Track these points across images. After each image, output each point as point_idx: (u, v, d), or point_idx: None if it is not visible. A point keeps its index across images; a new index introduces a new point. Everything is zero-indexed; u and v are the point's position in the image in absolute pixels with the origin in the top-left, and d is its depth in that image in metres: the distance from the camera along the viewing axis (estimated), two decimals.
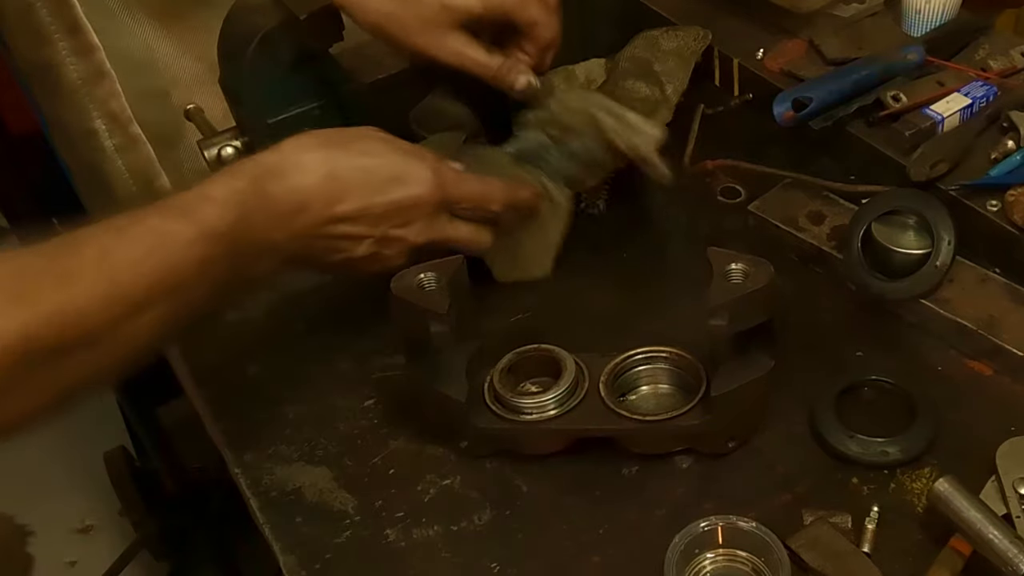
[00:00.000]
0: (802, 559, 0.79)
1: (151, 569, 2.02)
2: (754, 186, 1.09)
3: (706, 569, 0.81)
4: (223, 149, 1.10)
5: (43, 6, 1.22)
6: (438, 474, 0.91)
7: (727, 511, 0.82)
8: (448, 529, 0.87)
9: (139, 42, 1.32)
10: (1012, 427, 0.86)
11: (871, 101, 1.09)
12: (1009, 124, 1.04)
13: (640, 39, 1.20)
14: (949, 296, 0.96)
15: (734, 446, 0.89)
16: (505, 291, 1.05)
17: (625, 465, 0.89)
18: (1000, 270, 0.98)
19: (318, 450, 0.94)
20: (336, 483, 0.91)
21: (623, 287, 1.06)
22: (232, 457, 0.95)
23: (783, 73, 1.17)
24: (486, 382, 0.91)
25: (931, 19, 1.17)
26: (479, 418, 0.89)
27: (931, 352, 0.95)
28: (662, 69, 1.16)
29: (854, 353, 0.96)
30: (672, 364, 0.92)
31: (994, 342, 0.92)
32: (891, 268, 0.97)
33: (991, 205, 0.98)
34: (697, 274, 0.85)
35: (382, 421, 0.96)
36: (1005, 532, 0.75)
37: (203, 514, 1.90)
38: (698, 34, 1.20)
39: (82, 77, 1.29)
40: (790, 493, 0.86)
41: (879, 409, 0.91)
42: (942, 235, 0.95)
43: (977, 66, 1.12)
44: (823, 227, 1.04)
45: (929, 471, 0.86)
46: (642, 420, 0.87)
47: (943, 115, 1.06)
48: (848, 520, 0.82)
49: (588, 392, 0.89)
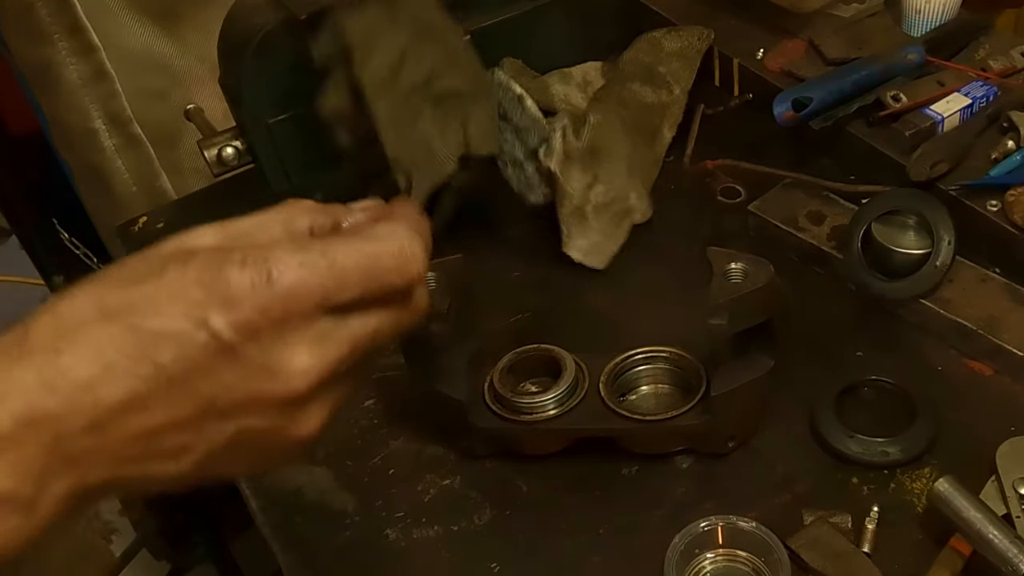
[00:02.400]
0: (802, 559, 0.79)
1: (151, 569, 2.02)
2: (754, 186, 1.09)
3: (706, 569, 0.81)
4: (223, 149, 1.10)
5: (43, 6, 1.23)
6: (438, 474, 0.91)
7: (727, 511, 0.82)
8: (448, 529, 0.87)
9: (139, 42, 1.33)
10: (1012, 427, 0.86)
11: (871, 101, 1.09)
12: (1009, 124, 1.04)
13: (642, 41, 1.20)
14: (949, 296, 0.96)
15: (734, 446, 0.88)
16: (505, 291, 1.05)
17: (625, 465, 0.89)
18: (1000, 270, 0.98)
19: (318, 450, 0.94)
20: (336, 483, 0.91)
21: (623, 287, 1.06)
22: None
23: (783, 73, 1.17)
24: (486, 382, 0.91)
25: (931, 19, 1.17)
26: (479, 418, 0.89)
27: (931, 352, 0.95)
28: (667, 70, 1.16)
29: (854, 353, 0.96)
30: (672, 364, 0.92)
31: (994, 342, 0.92)
32: (891, 268, 0.97)
33: (991, 205, 0.98)
34: (697, 274, 0.85)
35: (382, 421, 0.96)
36: (1005, 532, 0.75)
37: (203, 514, 1.90)
38: (701, 34, 1.20)
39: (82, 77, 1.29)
40: (790, 493, 0.86)
41: (879, 409, 0.91)
42: (942, 235, 0.95)
43: (977, 66, 1.12)
44: (823, 227, 1.04)
45: (929, 471, 0.86)
46: (642, 420, 0.87)
47: (943, 115, 1.05)
48: (848, 520, 0.82)
49: (588, 392, 0.89)
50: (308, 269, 0.53)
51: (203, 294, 0.51)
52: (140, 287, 0.51)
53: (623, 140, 1.08)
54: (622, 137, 1.08)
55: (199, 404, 0.52)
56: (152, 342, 0.50)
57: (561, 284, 1.06)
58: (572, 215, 1.05)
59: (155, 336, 0.50)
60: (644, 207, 1.09)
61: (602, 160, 1.06)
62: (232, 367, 0.52)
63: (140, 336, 0.50)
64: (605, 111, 1.10)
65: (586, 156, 1.05)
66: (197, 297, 0.51)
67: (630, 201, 1.07)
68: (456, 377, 0.89)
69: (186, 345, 0.51)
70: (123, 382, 0.50)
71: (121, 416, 0.51)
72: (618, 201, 1.06)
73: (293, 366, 0.53)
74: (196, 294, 0.51)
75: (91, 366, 0.50)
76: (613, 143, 1.07)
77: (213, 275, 0.51)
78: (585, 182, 1.04)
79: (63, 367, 0.50)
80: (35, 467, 0.50)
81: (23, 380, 0.49)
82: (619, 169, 1.06)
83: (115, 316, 0.50)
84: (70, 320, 0.51)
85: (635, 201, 1.07)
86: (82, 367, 0.50)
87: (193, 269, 0.52)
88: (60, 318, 0.51)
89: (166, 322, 0.51)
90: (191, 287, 0.51)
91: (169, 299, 0.51)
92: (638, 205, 1.08)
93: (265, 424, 0.54)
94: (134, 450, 0.52)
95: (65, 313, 0.51)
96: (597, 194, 1.05)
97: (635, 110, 1.13)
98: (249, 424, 0.54)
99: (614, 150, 1.07)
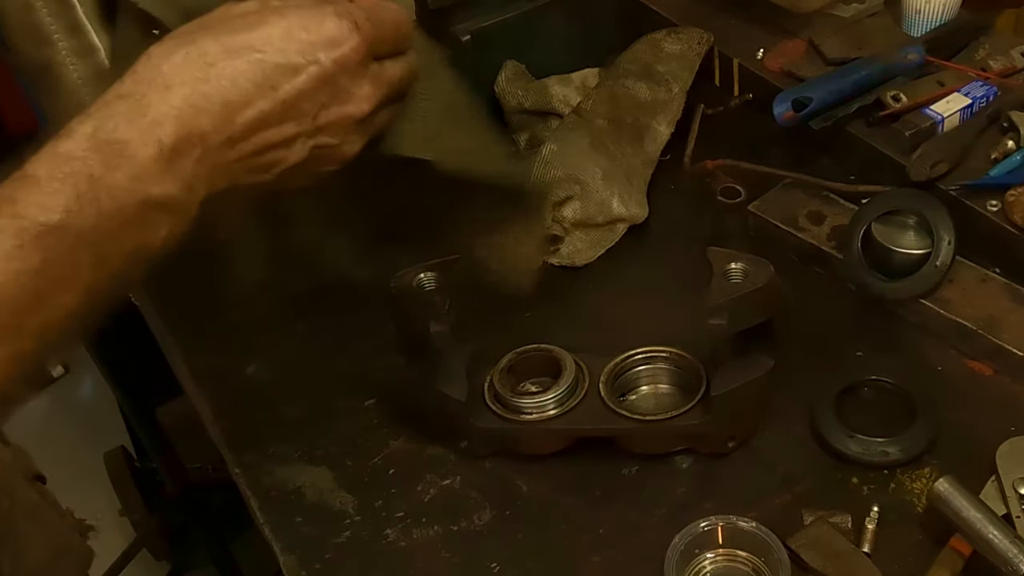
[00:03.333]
0: (802, 559, 0.79)
1: (151, 569, 2.02)
2: (754, 186, 1.09)
3: (706, 569, 0.81)
4: None
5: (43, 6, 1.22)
6: (438, 474, 0.91)
7: (727, 511, 0.82)
8: (448, 529, 0.87)
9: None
10: (1012, 427, 0.86)
11: (871, 101, 1.09)
12: (1009, 124, 1.04)
13: (642, 42, 1.20)
14: (949, 296, 0.96)
15: (734, 446, 0.88)
16: (505, 291, 1.05)
17: (625, 465, 0.89)
18: (1000, 270, 0.98)
19: (318, 450, 0.94)
20: (336, 483, 0.91)
21: (623, 287, 1.06)
22: (232, 457, 0.95)
23: (783, 73, 1.17)
24: (486, 382, 0.91)
25: (931, 19, 1.17)
26: (479, 418, 0.89)
27: (931, 352, 0.95)
28: (666, 70, 1.16)
29: (854, 353, 0.96)
30: (672, 364, 0.92)
31: (994, 342, 0.92)
32: (891, 268, 0.97)
33: (991, 205, 0.98)
34: (697, 274, 0.85)
35: (382, 421, 0.96)
36: (1005, 532, 0.75)
37: (203, 514, 1.90)
38: (701, 37, 1.20)
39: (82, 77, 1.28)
40: (790, 493, 0.86)
41: (879, 409, 0.91)
42: (942, 235, 0.95)
43: (977, 66, 1.12)
44: (823, 227, 1.04)
45: (929, 471, 0.86)
46: (642, 420, 0.87)
47: (943, 115, 1.05)
48: (848, 520, 0.82)
49: (588, 392, 0.89)
50: (371, 23, 0.70)
51: (311, 36, 0.67)
52: (254, 32, 0.66)
53: (592, 153, 1.08)
54: (589, 151, 1.08)
55: (302, 121, 0.68)
56: (275, 72, 0.66)
57: (561, 284, 1.06)
58: (545, 241, 1.05)
59: (276, 67, 0.66)
60: (634, 210, 1.08)
61: (570, 181, 1.05)
62: (328, 90, 0.68)
63: (265, 68, 0.65)
64: (566, 132, 1.10)
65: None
66: (306, 38, 0.66)
67: (613, 209, 1.07)
68: (456, 377, 0.89)
69: (300, 74, 0.66)
70: (255, 104, 0.65)
71: (250, 132, 0.66)
72: (600, 213, 1.06)
73: (364, 91, 0.70)
74: (305, 36, 0.66)
75: (228, 91, 0.65)
76: (580, 161, 1.07)
77: (318, 23, 0.67)
78: (550, 211, 1.04)
79: (207, 92, 0.64)
80: (188, 176, 0.64)
81: (173, 104, 0.63)
82: (592, 183, 1.05)
83: (239, 53, 0.65)
84: (199, 58, 0.65)
85: (619, 207, 1.07)
86: (222, 92, 0.64)
87: (296, 18, 0.67)
88: (190, 58, 0.65)
89: (284, 57, 0.66)
90: (298, 31, 0.66)
91: (283, 39, 0.66)
92: (624, 209, 1.07)
93: (333, 141, 0.70)
94: (248, 163, 0.67)
95: (194, 53, 0.65)
96: (573, 211, 1.05)
97: (625, 108, 1.13)
98: (324, 141, 0.70)
99: (581, 167, 1.06)
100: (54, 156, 0.62)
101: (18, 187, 0.60)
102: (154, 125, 0.63)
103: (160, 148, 0.63)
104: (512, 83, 1.19)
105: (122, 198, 0.62)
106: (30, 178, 0.61)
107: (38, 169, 0.61)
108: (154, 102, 0.63)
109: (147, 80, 0.64)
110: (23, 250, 0.59)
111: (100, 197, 0.61)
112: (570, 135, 1.10)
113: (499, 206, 0.90)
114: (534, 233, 1.01)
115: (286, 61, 0.66)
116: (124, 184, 0.62)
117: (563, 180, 1.05)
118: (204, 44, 0.65)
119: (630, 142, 1.12)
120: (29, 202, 0.60)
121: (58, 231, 0.60)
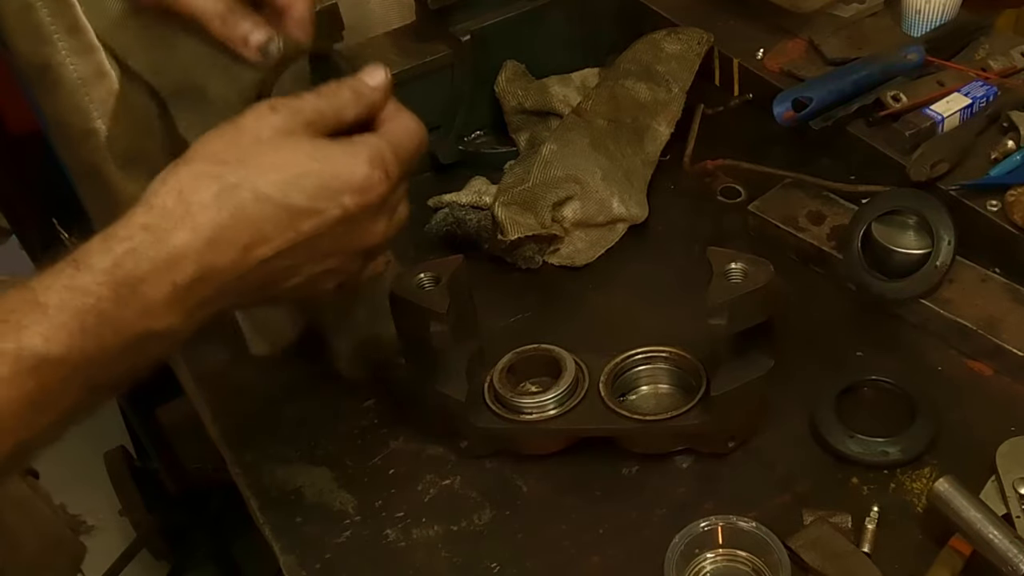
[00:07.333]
0: (802, 559, 0.79)
1: (151, 569, 2.02)
2: (754, 186, 1.09)
3: (706, 569, 0.81)
4: None
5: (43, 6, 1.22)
6: (438, 474, 0.91)
7: (727, 511, 0.82)
8: (448, 529, 0.87)
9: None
10: (1012, 427, 0.86)
11: (871, 101, 1.09)
12: (1009, 124, 1.04)
13: (642, 42, 1.20)
14: (949, 296, 0.96)
15: (734, 446, 0.89)
16: (505, 291, 1.05)
17: (625, 465, 0.89)
18: (1000, 270, 0.98)
19: (318, 450, 0.94)
20: (336, 483, 0.91)
21: (623, 287, 1.06)
22: (232, 457, 0.95)
23: (783, 73, 1.17)
24: (486, 382, 0.91)
25: (931, 19, 1.17)
26: (479, 418, 0.89)
27: (931, 352, 0.95)
28: (666, 70, 1.16)
29: (854, 353, 0.96)
30: (672, 364, 0.92)
31: (994, 342, 0.92)
32: (891, 268, 0.97)
33: (991, 205, 0.98)
34: (697, 274, 0.85)
35: (382, 421, 0.96)
36: (1005, 532, 0.75)
37: (203, 514, 1.90)
38: (701, 38, 1.20)
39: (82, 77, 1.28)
40: (790, 493, 0.86)
41: (879, 409, 0.91)
42: (942, 235, 0.95)
43: (977, 66, 1.12)
44: (823, 227, 1.04)
45: (929, 471, 0.86)
46: (642, 420, 0.87)
47: (943, 115, 1.05)
48: (848, 520, 0.82)
49: (588, 392, 0.89)
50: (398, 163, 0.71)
51: (341, 184, 0.68)
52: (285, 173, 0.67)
53: (592, 154, 1.08)
54: (589, 151, 1.08)
55: (314, 255, 0.70)
56: (299, 216, 0.67)
57: (561, 284, 1.06)
58: (543, 241, 1.05)
59: (301, 212, 0.67)
60: (634, 210, 1.08)
61: (570, 181, 1.05)
62: (346, 228, 0.70)
63: (291, 213, 0.67)
64: (566, 132, 1.10)
65: (540, 191, 1.04)
66: (336, 187, 0.68)
67: (613, 209, 1.06)
68: (456, 377, 0.89)
69: (324, 217, 0.68)
70: (273, 243, 0.67)
71: (263, 266, 0.68)
72: (600, 213, 1.06)
73: (379, 227, 0.72)
74: (336, 184, 0.68)
75: (251, 235, 0.66)
76: (580, 161, 1.07)
77: (350, 171, 0.69)
78: (548, 213, 1.04)
79: (231, 238, 0.65)
80: (192, 308, 0.66)
81: (195, 246, 0.65)
82: (592, 183, 1.05)
83: (269, 199, 0.66)
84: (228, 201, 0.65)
85: (619, 207, 1.07)
86: (242, 236, 0.66)
87: (330, 166, 0.68)
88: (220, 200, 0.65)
89: (312, 203, 0.68)
90: (330, 179, 0.68)
91: (315, 188, 0.67)
92: (624, 209, 1.07)
93: (346, 266, 0.73)
94: (252, 286, 0.69)
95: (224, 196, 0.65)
96: (573, 211, 1.05)
97: (625, 108, 1.13)
98: (335, 265, 0.72)
99: (581, 167, 1.06)
100: (70, 289, 0.62)
101: (26, 312, 0.61)
102: (172, 264, 0.64)
103: (174, 288, 0.65)
104: (512, 83, 1.19)
105: (125, 332, 0.64)
106: (40, 305, 0.62)
107: (50, 297, 0.62)
108: (178, 242, 0.64)
109: (174, 216, 0.65)
110: (19, 377, 0.60)
111: (104, 332, 0.63)
112: (570, 135, 1.10)
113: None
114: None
115: (312, 206, 0.68)
116: (131, 319, 0.64)
117: (563, 180, 1.05)
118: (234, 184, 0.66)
119: (630, 142, 1.12)
120: (34, 331, 0.61)
121: (56, 363, 0.61)
